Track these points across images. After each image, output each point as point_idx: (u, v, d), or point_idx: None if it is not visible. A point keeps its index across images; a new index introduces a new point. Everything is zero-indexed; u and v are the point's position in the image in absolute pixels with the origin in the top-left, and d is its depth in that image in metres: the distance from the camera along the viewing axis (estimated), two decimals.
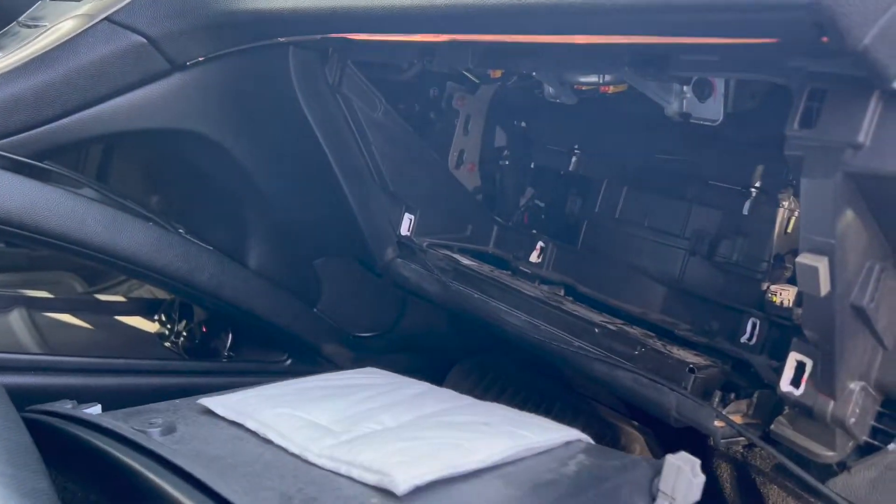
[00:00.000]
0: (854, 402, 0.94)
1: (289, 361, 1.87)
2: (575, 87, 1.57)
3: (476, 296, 1.59)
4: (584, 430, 1.90)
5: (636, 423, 1.84)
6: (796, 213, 1.41)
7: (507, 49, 1.20)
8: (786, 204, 1.41)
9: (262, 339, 1.84)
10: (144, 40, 1.47)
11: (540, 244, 1.74)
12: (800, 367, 1.03)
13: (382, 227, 1.76)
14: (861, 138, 0.79)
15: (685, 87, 1.38)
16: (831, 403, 0.95)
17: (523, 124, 1.89)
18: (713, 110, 1.38)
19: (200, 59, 1.53)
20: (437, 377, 2.14)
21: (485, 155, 1.92)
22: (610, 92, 1.52)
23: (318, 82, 1.59)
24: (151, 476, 0.72)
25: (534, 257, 1.76)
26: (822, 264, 0.87)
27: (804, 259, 0.89)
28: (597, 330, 1.39)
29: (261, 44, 1.49)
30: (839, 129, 0.81)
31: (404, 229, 1.78)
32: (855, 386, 0.95)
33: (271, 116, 1.61)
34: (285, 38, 1.47)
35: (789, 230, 1.43)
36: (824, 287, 0.88)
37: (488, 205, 1.95)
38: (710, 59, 0.93)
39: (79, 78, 1.44)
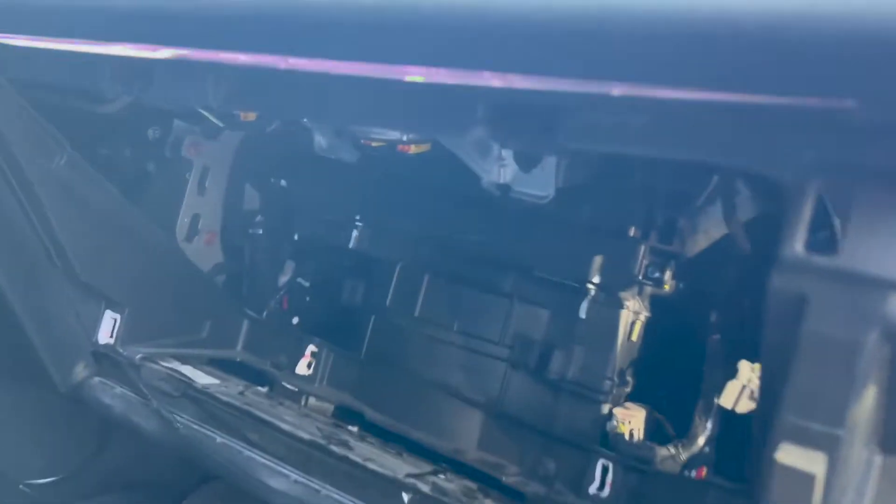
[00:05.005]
0: None
1: None
2: (362, 141, 1.15)
3: (218, 440, 1.07)
4: None
5: None
6: (641, 317, 1.13)
7: (272, 79, 0.72)
8: (630, 305, 1.12)
9: None
10: None
11: (311, 349, 1.27)
12: None
13: (68, 332, 1.18)
14: None
15: (503, 152, 1.03)
16: None
17: (283, 183, 1.41)
18: (541, 183, 1.05)
19: None
20: None
21: (229, 221, 1.41)
22: (411, 152, 1.12)
23: None
24: None
25: (302, 367, 1.28)
26: (819, 467, 0.53)
27: (789, 458, 0.55)
28: (406, 496, 0.95)
29: None
30: (882, 261, 0.47)
31: (104, 335, 1.21)
32: None
33: None
34: None
35: (633, 337, 1.14)
36: (818, 499, 0.54)
37: (234, 289, 1.43)
38: (636, 121, 0.56)
39: None
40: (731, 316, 1.04)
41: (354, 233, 1.32)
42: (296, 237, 1.44)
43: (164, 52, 0.70)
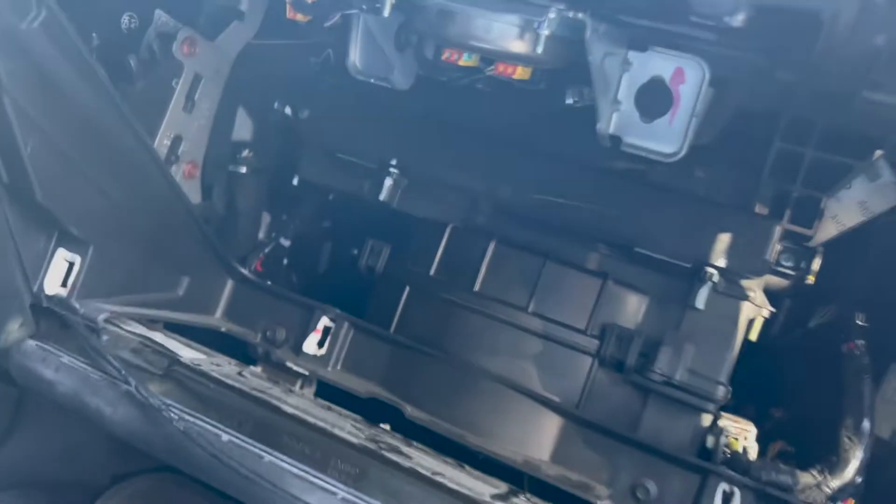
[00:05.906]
0: None
1: None
2: (444, 57, 0.88)
3: (224, 438, 0.78)
4: None
5: None
6: (764, 313, 0.94)
7: None
8: (753, 296, 0.93)
9: None
10: None
11: (325, 320, 0.99)
12: None
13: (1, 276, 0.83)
14: None
15: (620, 89, 0.82)
16: None
17: (288, 110, 1.11)
18: (668, 137, 0.85)
19: None
20: None
21: (214, 152, 1.09)
22: (515, 76, 0.87)
23: None
24: None
25: (311, 345, 0.99)
26: None
27: None
28: None
29: None
30: None
31: (52, 283, 0.87)
32: None
33: None
34: None
35: (752, 337, 0.95)
36: None
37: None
38: None
39: None
40: (880, 318, 0.88)
41: (387, 181, 1.04)
42: (295, 181, 1.14)
43: None
